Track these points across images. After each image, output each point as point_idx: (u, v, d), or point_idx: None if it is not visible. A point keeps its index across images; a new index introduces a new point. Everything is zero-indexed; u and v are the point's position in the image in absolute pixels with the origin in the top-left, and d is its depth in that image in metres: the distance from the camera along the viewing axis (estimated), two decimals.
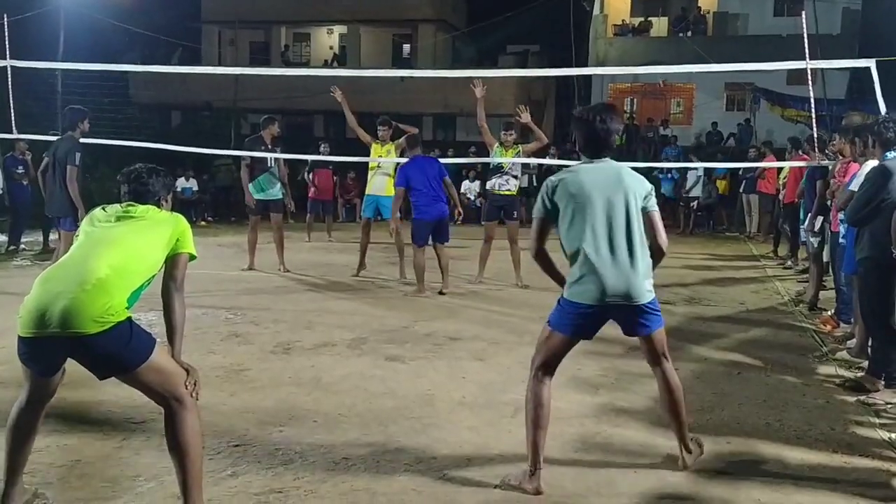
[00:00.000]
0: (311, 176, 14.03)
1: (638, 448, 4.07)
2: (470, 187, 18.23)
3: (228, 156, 17.48)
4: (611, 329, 6.79)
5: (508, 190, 8.81)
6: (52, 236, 10.44)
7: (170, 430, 3.09)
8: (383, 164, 9.22)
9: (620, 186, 3.56)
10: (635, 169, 3.83)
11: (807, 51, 7.76)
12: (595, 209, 3.51)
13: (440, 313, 7.44)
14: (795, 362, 5.92)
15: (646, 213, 3.63)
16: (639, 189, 3.60)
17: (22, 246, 11.56)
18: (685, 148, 22.67)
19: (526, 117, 8.77)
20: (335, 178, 15.19)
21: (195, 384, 3.15)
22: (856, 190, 5.51)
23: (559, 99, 29.68)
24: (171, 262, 3.23)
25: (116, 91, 21.01)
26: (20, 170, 12.82)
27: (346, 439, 4.10)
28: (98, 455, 3.80)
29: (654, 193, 3.72)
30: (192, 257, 3.28)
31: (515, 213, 8.90)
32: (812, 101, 7.98)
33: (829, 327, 6.81)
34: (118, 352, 2.97)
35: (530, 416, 3.59)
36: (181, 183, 16.43)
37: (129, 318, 3.01)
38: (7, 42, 9.58)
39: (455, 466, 3.77)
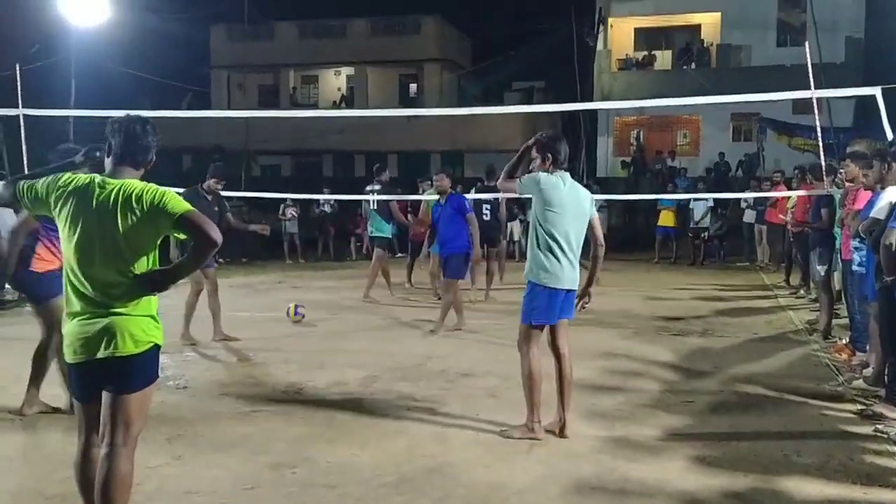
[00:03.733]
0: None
1: (654, 484, 4.02)
2: None
3: (240, 198, 17.68)
4: (628, 362, 6.78)
5: None
6: None
7: (102, 468, 3.05)
8: None
9: (581, 198, 4.72)
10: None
11: (811, 80, 7.81)
12: (566, 217, 4.63)
13: (452, 350, 7.41)
14: (811, 392, 5.85)
15: (591, 219, 4.81)
16: (589, 199, 4.79)
17: None
18: (693, 179, 22.72)
19: None
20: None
21: None
22: (878, 217, 5.47)
23: (565, 133, 29.83)
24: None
25: None
26: None
27: (360, 479, 4.07)
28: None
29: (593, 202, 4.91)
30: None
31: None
32: (819, 129, 7.99)
33: (845, 356, 6.74)
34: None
35: (533, 382, 4.72)
36: None
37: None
38: (20, 91, 9.74)
39: None
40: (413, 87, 31.91)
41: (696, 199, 15.83)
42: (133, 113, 3.29)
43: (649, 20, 27.45)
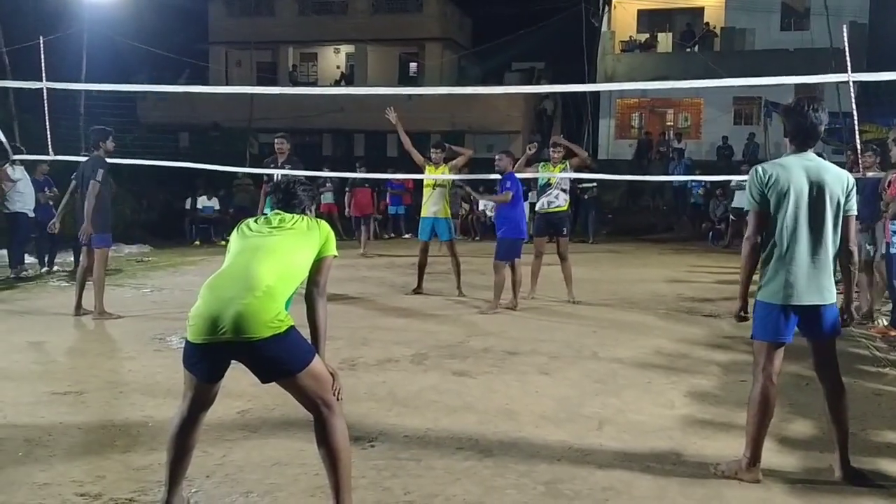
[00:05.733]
0: (349, 194, 14.43)
1: (733, 459, 4.06)
2: (487, 204, 18.22)
3: (248, 176, 17.59)
4: (669, 342, 6.83)
5: (559, 206, 8.83)
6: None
7: (320, 435, 3.17)
8: (438, 185, 9.30)
9: (827, 190, 3.66)
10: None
11: (849, 64, 7.82)
12: (799, 208, 3.64)
13: (491, 329, 7.44)
14: (859, 372, 5.93)
15: (845, 217, 3.73)
16: (840, 189, 3.70)
17: (56, 267, 11.54)
18: (695, 162, 22.80)
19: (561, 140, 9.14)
20: (374, 195, 15.71)
21: (339, 388, 3.22)
22: None
23: (566, 115, 29.80)
24: (316, 266, 3.30)
25: (125, 112, 21.06)
26: (46, 191, 12.81)
27: (442, 452, 4.10)
28: (201, 471, 3.77)
29: (855, 192, 3.77)
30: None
31: (565, 229, 8.92)
32: (854, 113, 7.97)
33: (894, 333, 6.84)
34: (285, 356, 3.04)
35: (757, 412, 3.74)
36: (203, 202, 16.48)
37: (293, 325, 3.05)
38: (43, 64, 9.61)
39: (560, 481, 3.76)
40: (413, 66, 31.73)
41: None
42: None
43: (653, 1, 27.40)
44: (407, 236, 18.31)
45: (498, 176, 8.56)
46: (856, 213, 3.81)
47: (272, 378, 3.12)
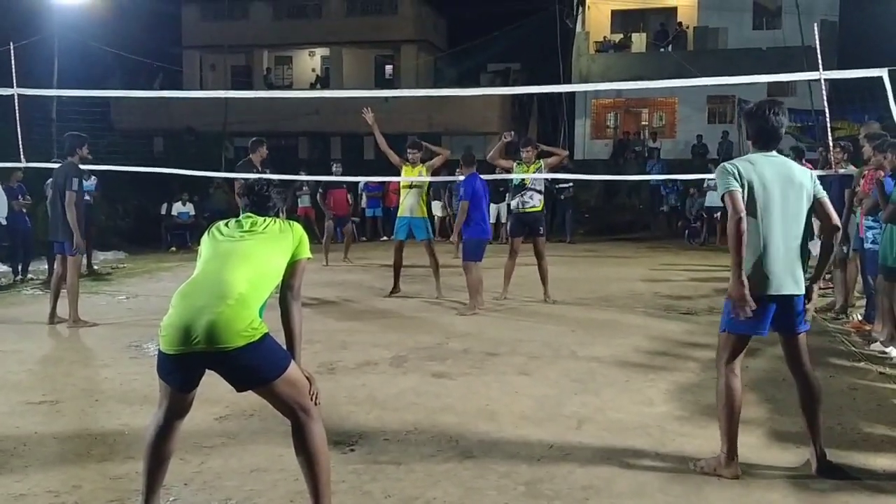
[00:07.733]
0: (325, 196, 14.07)
1: (712, 456, 4.08)
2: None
3: (224, 179, 17.43)
4: (647, 341, 6.85)
5: (534, 207, 8.83)
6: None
7: (299, 440, 3.14)
8: (414, 186, 9.26)
9: (794, 182, 3.76)
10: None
11: (820, 62, 7.90)
12: (773, 203, 3.70)
13: (470, 330, 7.44)
14: (834, 366, 5.99)
15: (818, 200, 3.82)
16: (808, 182, 3.81)
17: (30, 275, 11.40)
18: (669, 161, 22.93)
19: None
20: (349, 197, 15.30)
21: (316, 393, 3.19)
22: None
23: (541, 115, 29.87)
24: (290, 270, 3.27)
25: (98, 117, 20.83)
26: (20, 198, 12.65)
27: (422, 455, 4.10)
28: (179, 479, 3.74)
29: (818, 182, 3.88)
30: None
31: (541, 228, 8.92)
32: (826, 111, 8.07)
33: (868, 328, 6.93)
34: (260, 364, 3.01)
35: (725, 405, 3.79)
36: (177, 207, 16.34)
37: (268, 332, 3.01)
38: (14, 70, 9.49)
39: (540, 481, 3.77)
40: (389, 68, 31.70)
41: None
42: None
43: (626, 2, 27.53)
44: (384, 238, 18.24)
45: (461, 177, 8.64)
46: (826, 195, 3.88)
47: (248, 387, 3.09)
